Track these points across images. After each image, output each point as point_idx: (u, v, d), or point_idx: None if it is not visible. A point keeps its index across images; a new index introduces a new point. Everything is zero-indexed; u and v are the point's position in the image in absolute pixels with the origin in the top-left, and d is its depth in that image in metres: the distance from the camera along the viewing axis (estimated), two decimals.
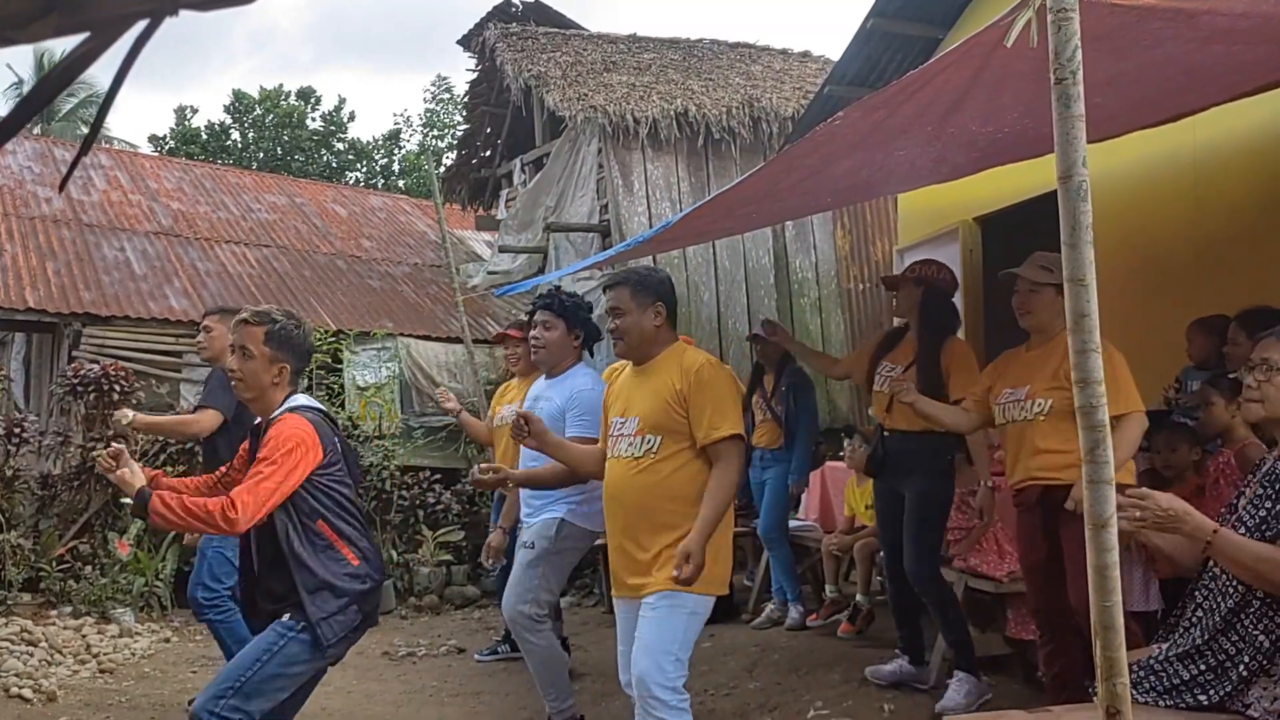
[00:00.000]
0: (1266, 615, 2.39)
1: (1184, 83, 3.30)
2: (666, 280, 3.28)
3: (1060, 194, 1.93)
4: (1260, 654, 2.38)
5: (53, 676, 5.17)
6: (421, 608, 7.53)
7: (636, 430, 3.11)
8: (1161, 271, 5.29)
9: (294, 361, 2.96)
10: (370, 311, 10.32)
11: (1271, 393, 2.46)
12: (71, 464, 7.33)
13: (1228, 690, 2.42)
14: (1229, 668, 2.44)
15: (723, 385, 3.09)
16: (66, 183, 2.79)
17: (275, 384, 2.92)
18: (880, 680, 4.52)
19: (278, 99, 24.92)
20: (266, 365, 2.91)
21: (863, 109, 3.09)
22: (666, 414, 3.05)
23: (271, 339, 2.90)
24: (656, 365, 3.17)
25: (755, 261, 9.58)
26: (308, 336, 3.02)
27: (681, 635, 3.02)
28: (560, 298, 4.14)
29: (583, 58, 10.19)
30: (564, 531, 3.91)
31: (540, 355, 4.12)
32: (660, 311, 3.17)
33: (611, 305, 3.22)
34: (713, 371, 3.10)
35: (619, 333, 3.21)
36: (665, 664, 2.98)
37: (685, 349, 3.23)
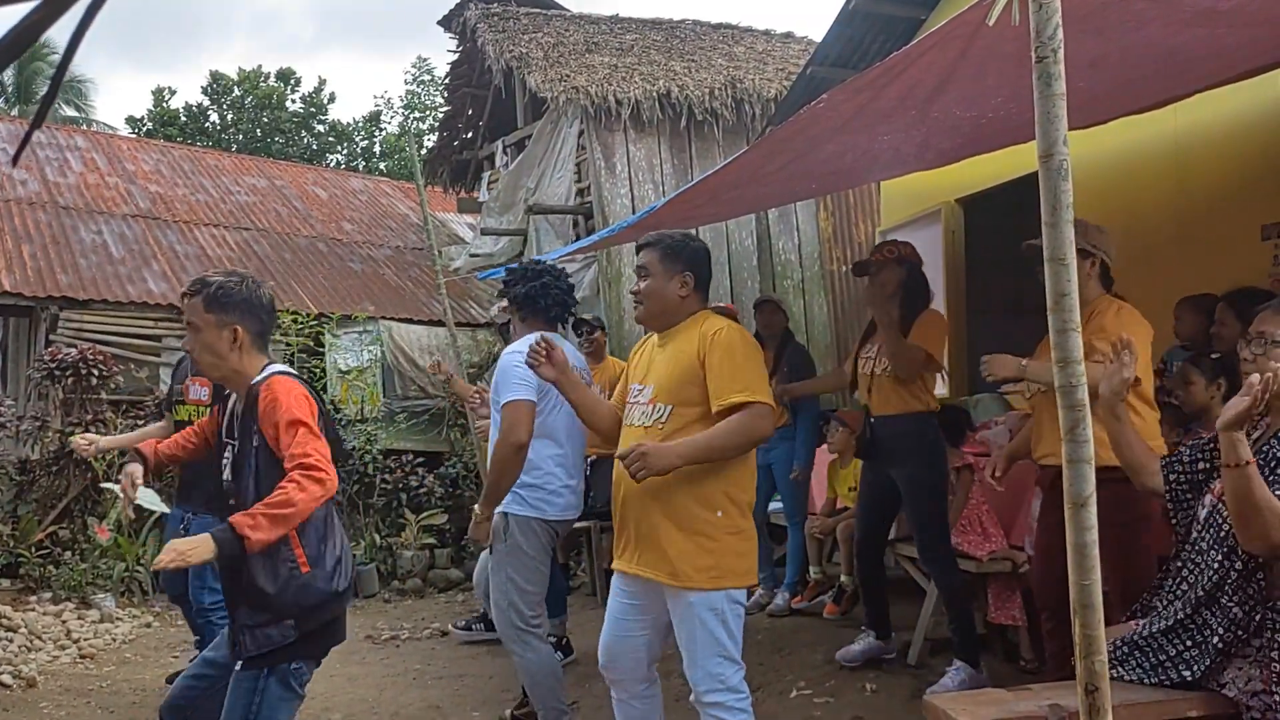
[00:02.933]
0: (1241, 588, 2.42)
1: (1166, 67, 3.30)
2: (701, 250, 3.11)
3: (1041, 173, 1.93)
4: (1236, 625, 2.41)
5: (32, 662, 5.14)
6: (405, 591, 7.53)
7: (650, 399, 2.99)
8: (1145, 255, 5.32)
9: (247, 321, 2.62)
10: (352, 295, 10.27)
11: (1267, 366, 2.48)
12: (50, 449, 7.27)
13: (1207, 665, 2.45)
14: (1207, 638, 2.47)
15: (740, 348, 2.91)
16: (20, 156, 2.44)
17: (234, 349, 2.60)
18: (851, 661, 4.55)
19: (257, 80, 24.67)
20: (216, 332, 2.59)
21: (847, 91, 3.07)
22: (681, 382, 2.92)
23: (211, 303, 2.59)
24: (677, 333, 3.03)
25: (739, 244, 9.57)
26: (255, 293, 2.66)
27: (721, 633, 2.88)
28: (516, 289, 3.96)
29: (564, 39, 10.13)
30: (511, 527, 3.71)
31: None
32: (687, 281, 3.02)
33: (640, 265, 3.07)
34: (732, 333, 2.93)
35: (640, 296, 3.06)
36: (714, 669, 2.87)
37: (708, 316, 3.04)
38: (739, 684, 2.92)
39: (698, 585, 2.86)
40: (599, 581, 6.85)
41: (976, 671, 4.16)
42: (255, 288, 2.67)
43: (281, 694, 2.54)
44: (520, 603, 3.72)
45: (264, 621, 2.50)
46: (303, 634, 2.53)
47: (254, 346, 2.64)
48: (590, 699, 4.52)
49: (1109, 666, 2.40)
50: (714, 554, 2.88)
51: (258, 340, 2.65)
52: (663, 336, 3.11)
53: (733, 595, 2.92)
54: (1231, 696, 2.44)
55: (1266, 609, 2.39)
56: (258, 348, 2.65)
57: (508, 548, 3.71)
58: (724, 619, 2.90)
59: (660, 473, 2.78)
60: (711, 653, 2.88)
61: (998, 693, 2.84)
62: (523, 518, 3.71)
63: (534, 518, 3.73)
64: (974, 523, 4.63)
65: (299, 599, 2.51)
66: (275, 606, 2.49)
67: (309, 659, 2.61)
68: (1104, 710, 2.00)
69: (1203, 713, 2.52)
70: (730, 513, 2.92)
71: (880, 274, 4.39)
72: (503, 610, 3.73)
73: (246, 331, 2.62)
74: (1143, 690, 2.56)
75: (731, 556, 2.90)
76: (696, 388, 2.91)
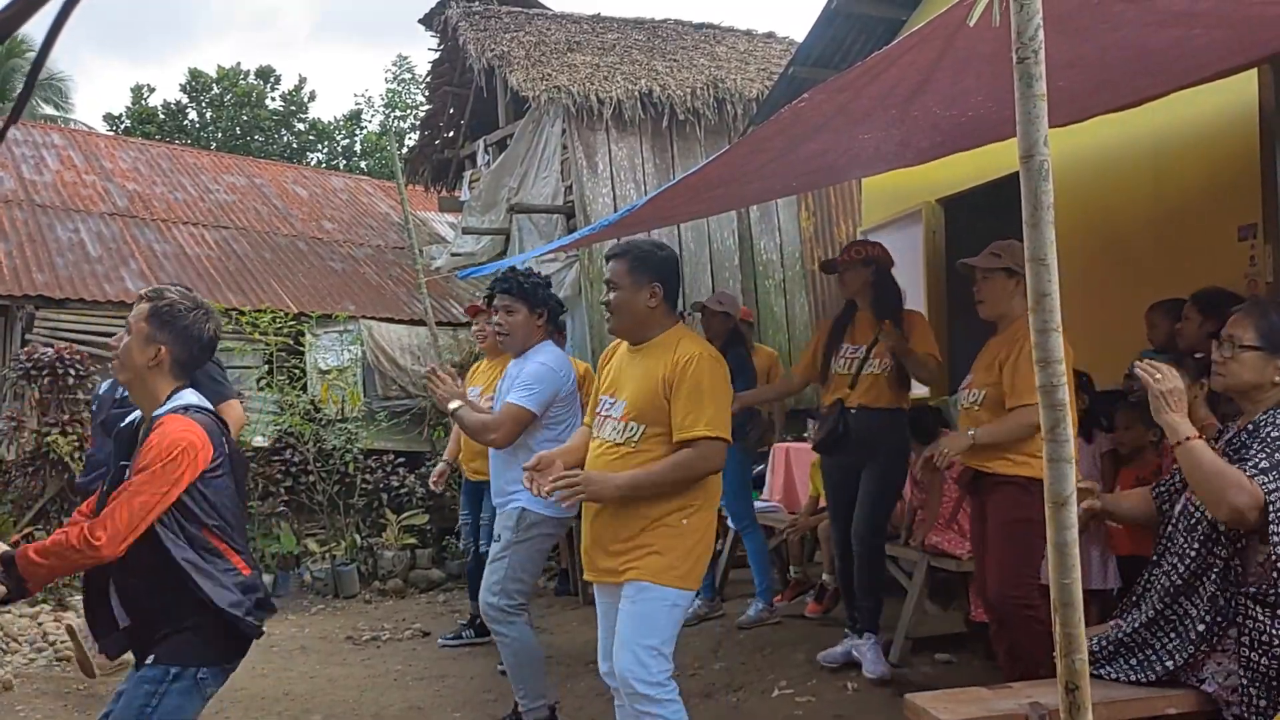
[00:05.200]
0: (1225, 576, 2.46)
1: (1143, 67, 3.33)
2: (670, 259, 3.11)
3: (1022, 173, 1.94)
4: (1218, 613, 2.44)
5: (8, 665, 5.10)
6: (386, 591, 7.50)
7: (622, 415, 2.99)
8: (1122, 255, 5.36)
9: (176, 347, 2.59)
10: (332, 294, 10.21)
11: (1234, 367, 2.56)
12: (26, 449, 7.19)
13: (1189, 654, 2.48)
14: (1188, 627, 2.51)
15: (708, 380, 2.91)
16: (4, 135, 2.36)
17: (152, 368, 2.58)
18: (833, 663, 4.56)
19: (236, 78, 24.50)
20: (142, 344, 2.57)
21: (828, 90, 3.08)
22: (651, 403, 2.93)
23: (154, 316, 2.59)
24: (650, 349, 3.03)
25: (720, 243, 9.58)
26: (201, 325, 2.64)
27: (660, 628, 2.90)
28: (518, 279, 4.03)
29: (546, 37, 10.10)
30: (527, 520, 3.83)
31: (506, 341, 4.06)
32: (656, 292, 3.02)
33: (608, 278, 3.08)
34: (701, 365, 2.92)
35: (611, 308, 3.07)
36: (645, 658, 2.88)
37: (683, 336, 3.05)
38: (667, 681, 2.91)
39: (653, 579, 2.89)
40: (581, 584, 6.85)
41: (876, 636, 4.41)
42: (202, 319, 2.66)
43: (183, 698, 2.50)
44: (513, 589, 3.85)
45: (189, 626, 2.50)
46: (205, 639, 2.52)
47: (170, 372, 2.62)
48: (572, 698, 4.51)
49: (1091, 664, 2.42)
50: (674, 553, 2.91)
51: (177, 368, 2.63)
52: (634, 348, 3.10)
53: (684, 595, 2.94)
54: (1211, 692, 2.47)
55: (1241, 595, 2.43)
56: (174, 374, 2.63)
57: (518, 538, 3.84)
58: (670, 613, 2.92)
59: (595, 500, 2.92)
60: (646, 638, 2.88)
61: (978, 691, 2.85)
62: (539, 514, 3.84)
63: (549, 516, 3.86)
64: (951, 522, 4.66)
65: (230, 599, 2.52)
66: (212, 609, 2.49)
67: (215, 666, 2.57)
68: (1084, 708, 2.01)
69: (1182, 709, 2.54)
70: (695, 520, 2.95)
71: (845, 274, 4.51)
72: (494, 594, 3.83)
73: (169, 355, 2.60)
74: (1123, 688, 2.59)
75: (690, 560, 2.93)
76: (665, 409, 2.93)
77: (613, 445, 3.00)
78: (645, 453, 2.93)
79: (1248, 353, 2.53)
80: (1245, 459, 2.41)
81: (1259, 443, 2.42)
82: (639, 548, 2.93)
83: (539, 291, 4.03)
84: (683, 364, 2.91)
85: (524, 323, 3.98)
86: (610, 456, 2.99)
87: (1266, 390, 2.52)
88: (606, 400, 3.09)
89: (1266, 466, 2.34)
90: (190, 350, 2.64)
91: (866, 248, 4.58)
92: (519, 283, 4.01)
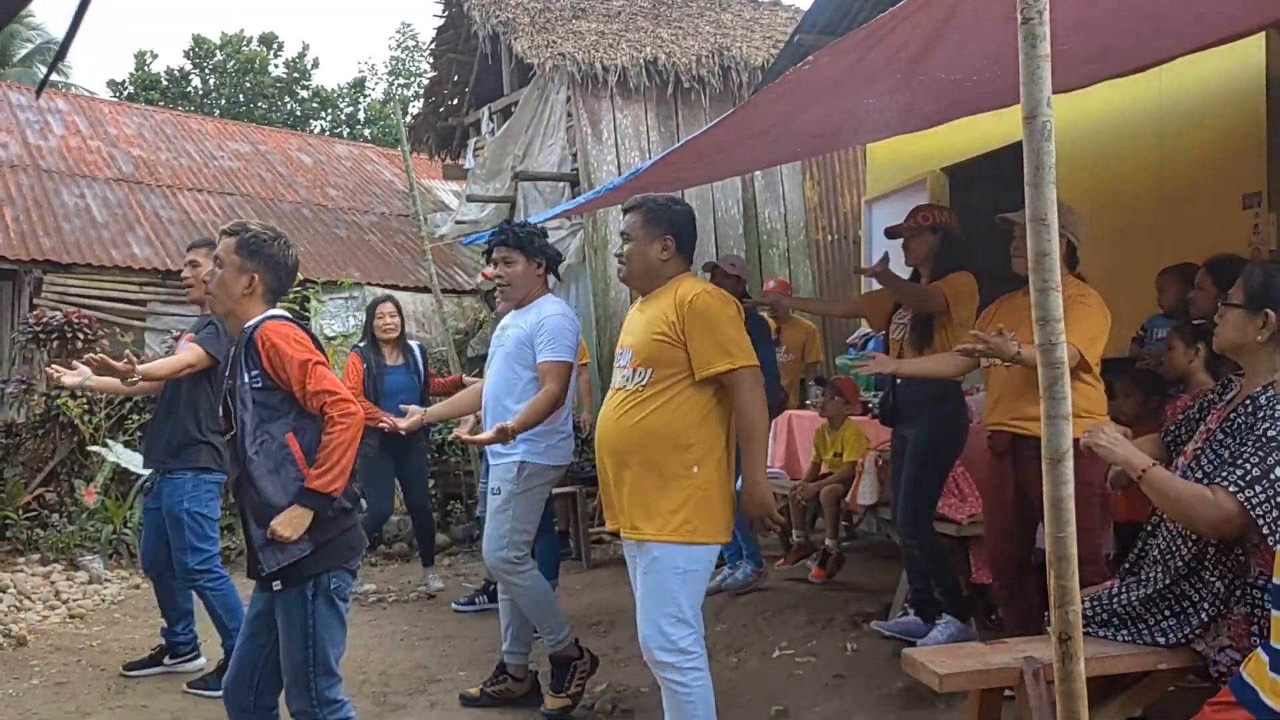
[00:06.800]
0: (1221, 561, 2.46)
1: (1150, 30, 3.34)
2: (685, 213, 3.15)
3: (1025, 134, 1.96)
4: (1218, 599, 2.46)
5: (22, 622, 5.18)
6: (391, 555, 7.58)
7: (630, 362, 3.05)
8: (1127, 221, 5.36)
9: (266, 274, 2.82)
10: (337, 260, 10.24)
11: (1222, 326, 2.58)
12: (36, 412, 7.26)
13: (1186, 634, 2.50)
14: (1190, 613, 2.51)
15: (718, 314, 2.94)
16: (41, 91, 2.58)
17: (246, 295, 2.80)
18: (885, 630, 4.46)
19: (239, 45, 24.37)
20: (235, 275, 2.79)
21: (832, 53, 3.09)
22: (656, 346, 2.96)
23: (243, 247, 2.80)
24: (656, 296, 3.08)
25: (724, 212, 9.58)
26: (285, 252, 2.87)
27: (680, 594, 2.89)
28: (513, 230, 4.06)
29: (551, 4, 10.06)
30: (525, 472, 3.89)
31: (507, 291, 4.07)
32: (668, 245, 3.06)
33: (623, 229, 3.14)
34: (707, 300, 2.95)
35: (624, 258, 3.12)
36: (665, 626, 2.88)
37: (684, 279, 3.08)
38: (690, 646, 2.92)
39: (663, 538, 2.89)
40: (584, 547, 6.92)
41: (966, 625, 4.17)
42: (285, 248, 2.87)
43: (329, 611, 2.73)
44: (518, 540, 3.92)
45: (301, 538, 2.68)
46: (319, 545, 2.71)
47: (262, 298, 2.83)
48: None
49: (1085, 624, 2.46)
50: (685, 507, 2.91)
51: (269, 294, 2.84)
52: (644, 300, 3.15)
53: (696, 554, 2.94)
54: (1200, 650, 2.51)
55: (1246, 584, 2.43)
56: (265, 300, 2.83)
57: (519, 490, 3.90)
58: (683, 577, 2.91)
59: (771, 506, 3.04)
60: (664, 610, 2.90)
61: (975, 646, 2.90)
62: (538, 464, 3.90)
63: (547, 465, 3.94)
64: (951, 486, 4.68)
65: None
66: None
67: (340, 570, 2.78)
68: (1076, 657, 2.06)
69: (1172, 665, 2.59)
70: (705, 468, 2.95)
71: (912, 241, 4.30)
72: (500, 547, 3.89)
73: (262, 282, 2.81)
74: (1115, 645, 2.62)
75: (702, 513, 2.92)
76: (673, 350, 2.95)
77: (624, 392, 3.05)
78: (652, 396, 2.96)
79: (1232, 310, 2.53)
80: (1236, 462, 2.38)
81: (1254, 442, 2.38)
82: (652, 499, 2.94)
83: (535, 240, 4.04)
84: (686, 303, 2.94)
85: (523, 273, 4.00)
86: (622, 402, 3.04)
87: (1254, 351, 2.50)
88: (619, 352, 3.16)
89: (1257, 475, 2.31)
90: (279, 276, 2.86)
91: (934, 213, 4.32)
92: (514, 233, 4.04)
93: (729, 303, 3.02)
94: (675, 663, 2.90)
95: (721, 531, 3.00)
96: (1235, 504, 2.31)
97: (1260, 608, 2.39)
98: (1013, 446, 3.63)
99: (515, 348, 3.94)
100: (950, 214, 4.33)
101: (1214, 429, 2.56)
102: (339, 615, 2.76)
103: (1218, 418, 2.57)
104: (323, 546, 2.71)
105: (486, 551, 4.00)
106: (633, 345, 3.07)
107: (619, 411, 3.04)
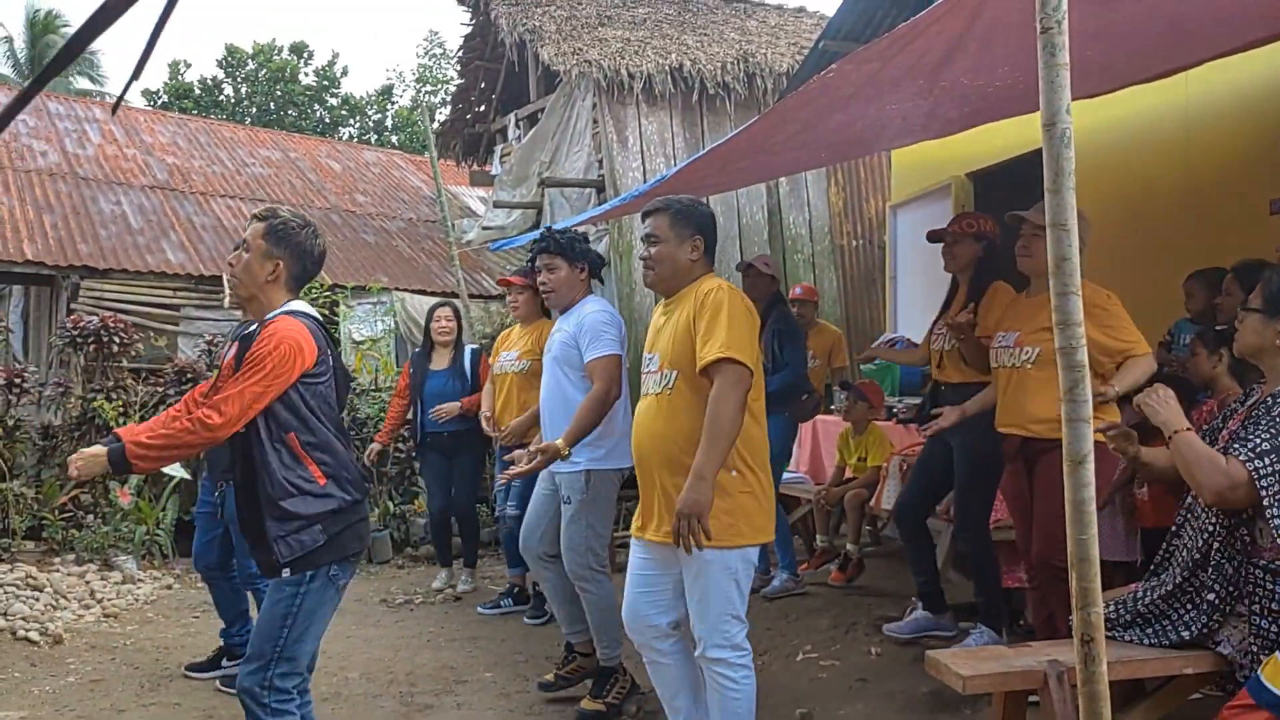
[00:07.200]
0: (1230, 544, 2.50)
1: (1172, 38, 3.34)
2: (709, 214, 3.16)
3: (1044, 140, 1.99)
4: (1227, 582, 2.49)
5: (58, 620, 5.28)
6: (418, 558, 7.65)
7: (658, 366, 3.07)
8: (1154, 226, 5.35)
9: (292, 262, 2.80)
10: (366, 266, 10.35)
11: (1241, 330, 2.62)
12: (72, 414, 7.39)
13: (1204, 623, 2.52)
14: (1202, 597, 2.55)
15: (725, 306, 2.91)
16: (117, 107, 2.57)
17: (270, 282, 2.79)
18: (901, 635, 4.45)
19: (270, 53, 24.68)
20: (260, 260, 2.77)
21: (856, 61, 3.12)
22: (680, 347, 2.98)
23: (271, 233, 2.78)
24: (681, 298, 3.08)
25: (749, 218, 9.61)
26: (312, 240, 2.84)
27: (734, 593, 2.96)
28: (555, 237, 4.12)
29: (577, 12, 10.14)
30: (592, 481, 3.91)
31: (551, 298, 4.13)
32: (698, 245, 3.08)
33: (648, 232, 3.12)
34: (720, 294, 2.95)
35: (651, 261, 3.11)
36: (721, 625, 2.95)
37: (707, 278, 3.08)
38: (743, 641, 3.01)
39: (713, 544, 2.89)
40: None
41: (999, 637, 4.14)
42: (312, 235, 2.85)
43: (323, 593, 2.74)
44: (597, 546, 3.97)
45: (295, 529, 2.69)
46: (331, 535, 2.72)
47: (285, 285, 2.82)
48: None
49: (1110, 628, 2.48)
50: (729, 513, 2.93)
51: (292, 281, 2.83)
52: (668, 303, 3.17)
53: (747, 554, 3.00)
54: (1226, 654, 2.51)
55: (1252, 565, 2.46)
56: (289, 288, 2.83)
57: (589, 499, 3.92)
58: (736, 577, 2.97)
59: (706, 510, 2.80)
60: (722, 610, 2.96)
61: (999, 649, 2.92)
62: (603, 470, 3.93)
63: (610, 469, 3.95)
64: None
65: (320, 506, 2.72)
66: (303, 515, 2.69)
67: (343, 562, 2.79)
68: (1099, 659, 2.08)
69: (1198, 669, 2.59)
70: (744, 472, 2.97)
71: (954, 247, 4.26)
72: (580, 554, 3.94)
73: (286, 269, 2.80)
74: (1140, 649, 2.63)
75: (745, 515, 2.96)
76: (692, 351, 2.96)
77: (654, 396, 3.08)
78: (681, 397, 2.98)
79: (1251, 315, 2.56)
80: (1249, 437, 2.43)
81: (1268, 420, 2.44)
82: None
83: (576, 246, 4.10)
84: (703, 296, 2.97)
85: (566, 278, 4.06)
86: (653, 407, 3.07)
87: (1274, 355, 2.54)
88: (648, 357, 3.17)
89: (1267, 449, 2.37)
90: (304, 264, 2.84)
91: (979, 221, 4.28)
92: (556, 239, 4.10)
93: (745, 303, 3.02)
94: (729, 659, 2.96)
95: (765, 530, 3.04)
96: (1244, 473, 2.37)
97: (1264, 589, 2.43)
98: (1021, 449, 3.65)
99: (561, 351, 4.00)
100: (994, 223, 4.25)
101: (1236, 429, 2.58)
102: (329, 603, 2.77)
103: (1239, 420, 2.59)
104: (335, 537, 2.74)
105: (567, 561, 4.01)
106: (660, 349, 3.08)
107: (652, 417, 3.08)
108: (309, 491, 2.70)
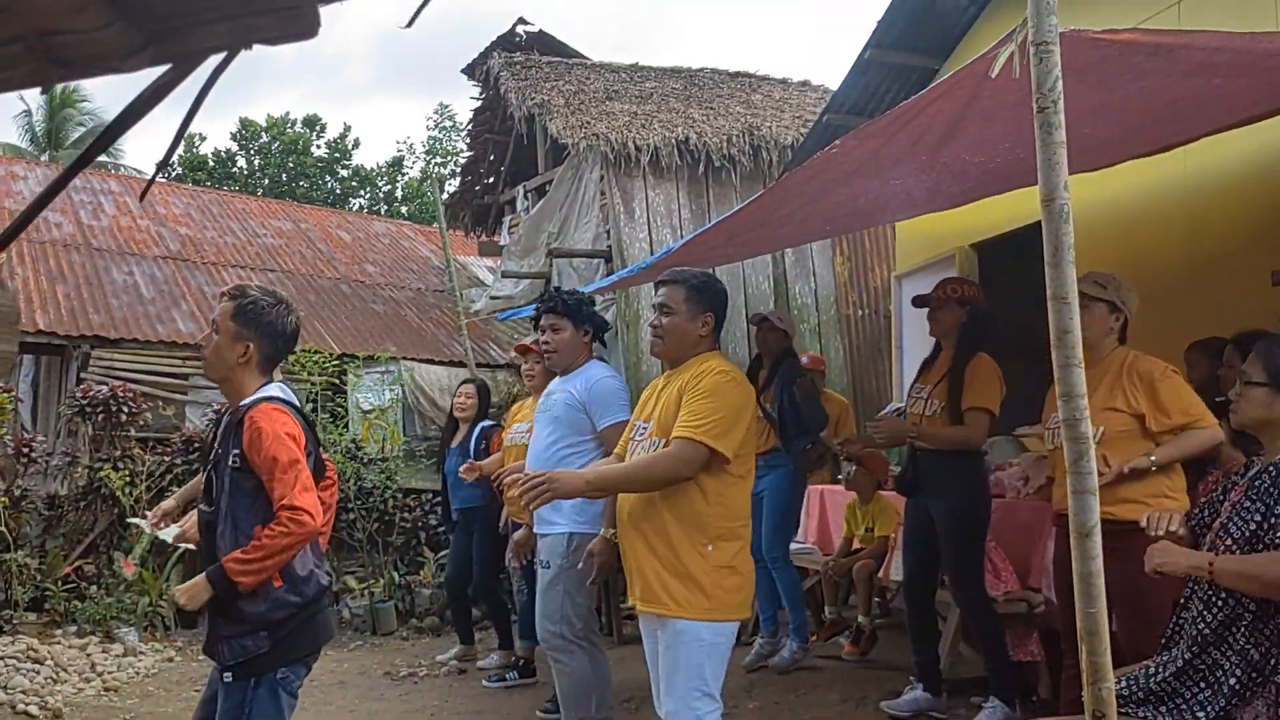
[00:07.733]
0: (1257, 629, 2.44)
1: (1170, 114, 3.41)
2: (724, 292, 3.14)
3: (1043, 216, 2.03)
4: (1252, 667, 2.43)
5: (58, 694, 5.22)
6: (423, 629, 7.57)
7: (649, 434, 3.02)
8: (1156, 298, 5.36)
9: (263, 342, 2.70)
10: (374, 335, 10.43)
11: (1243, 404, 2.60)
12: (79, 484, 7.40)
13: (1222, 705, 2.47)
14: (1221, 680, 2.48)
15: (713, 390, 2.89)
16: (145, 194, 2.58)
17: (242, 364, 2.69)
18: (900, 712, 4.40)
19: (284, 126, 25.17)
20: (231, 342, 2.67)
21: (859, 137, 3.19)
22: (670, 418, 2.94)
23: (240, 314, 2.69)
24: (681, 371, 3.06)
25: (755, 288, 9.69)
26: (284, 320, 2.74)
27: (703, 669, 2.86)
28: (562, 297, 4.08)
29: (585, 86, 10.36)
30: (574, 544, 3.79)
31: (554, 359, 4.07)
32: (709, 322, 3.06)
33: (661, 301, 3.08)
34: (714, 376, 2.93)
35: (661, 331, 3.08)
36: (691, 701, 2.85)
37: (712, 355, 3.07)
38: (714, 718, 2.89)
39: (686, 615, 2.85)
40: (616, 622, 6.87)
41: (1012, 711, 4.08)
42: (284, 314, 2.76)
43: (270, 702, 2.61)
44: (573, 615, 3.83)
45: (240, 632, 2.59)
46: (277, 641, 2.60)
47: (258, 367, 2.73)
48: None
49: (1122, 705, 2.44)
50: (704, 590, 2.86)
51: (265, 362, 2.74)
52: (669, 375, 3.15)
53: (720, 629, 2.90)
54: None
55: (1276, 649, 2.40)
56: (262, 369, 2.74)
57: (569, 563, 3.78)
58: (708, 652, 2.88)
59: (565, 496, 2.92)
60: (691, 685, 2.86)
61: None
62: (586, 534, 3.76)
63: (594, 533, 3.77)
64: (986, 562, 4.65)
65: (270, 613, 2.60)
66: (249, 619, 2.58)
67: (294, 664, 2.67)
68: None
69: None
70: (721, 546, 2.89)
71: (938, 311, 4.32)
72: (554, 623, 3.82)
73: (258, 351, 2.71)
74: None
75: (722, 592, 2.88)
76: None
77: None
78: None
79: (1255, 389, 2.55)
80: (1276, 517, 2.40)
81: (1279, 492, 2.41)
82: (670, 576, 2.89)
83: (583, 308, 4.06)
84: (699, 374, 2.95)
85: (570, 340, 4.01)
86: None
87: (1276, 427, 2.53)
88: (640, 425, 3.13)
89: None
90: (276, 344, 2.75)
91: (963, 286, 4.35)
92: (563, 300, 4.07)
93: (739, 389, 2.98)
94: None
95: (742, 607, 2.97)
96: None
97: None
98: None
99: (565, 413, 3.90)
100: (978, 289, 4.34)
101: (1238, 500, 2.56)
102: (279, 708, 2.63)
103: (1240, 491, 2.58)
104: (280, 643, 2.61)
105: (539, 626, 3.91)
106: (655, 417, 3.04)
107: None
108: (262, 594, 2.59)
